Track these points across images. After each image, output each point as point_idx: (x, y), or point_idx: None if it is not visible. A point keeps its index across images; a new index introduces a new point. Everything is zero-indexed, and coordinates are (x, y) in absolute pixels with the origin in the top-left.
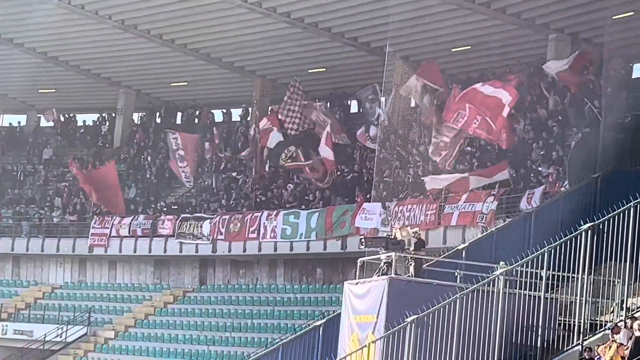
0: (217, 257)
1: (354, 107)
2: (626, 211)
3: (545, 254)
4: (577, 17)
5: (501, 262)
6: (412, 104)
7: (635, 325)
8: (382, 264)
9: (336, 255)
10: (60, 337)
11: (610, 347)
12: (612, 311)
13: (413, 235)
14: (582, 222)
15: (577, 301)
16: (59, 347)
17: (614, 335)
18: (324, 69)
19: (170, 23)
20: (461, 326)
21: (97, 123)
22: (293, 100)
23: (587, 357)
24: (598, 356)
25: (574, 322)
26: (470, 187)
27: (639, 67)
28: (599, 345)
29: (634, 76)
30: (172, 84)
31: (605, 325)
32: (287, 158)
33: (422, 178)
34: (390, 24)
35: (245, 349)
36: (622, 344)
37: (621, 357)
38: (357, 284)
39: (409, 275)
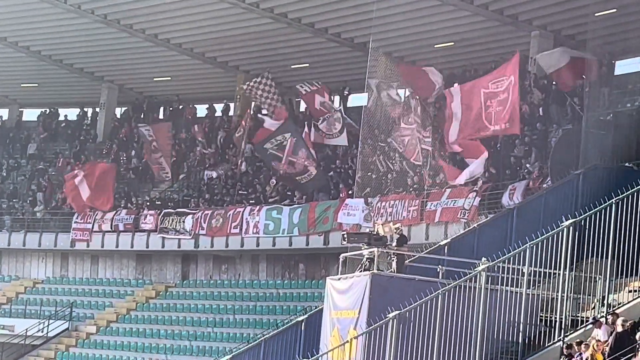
0: (200, 252)
1: (335, 102)
2: (608, 208)
3: (527, 250)
4: (559, 14)
5: (483, 258)
6: (394, 99)
7: (618, 321)
8: (364, 259)
9: (319, 250)
10: (42, 332)
11: (589, 344)
12: (594, 307)
13: (395, 231)
14: (564, 219)
15: (559, 297)
16: (41, 342)
17: (596, 330)
18: (307, 65)
19: (153, 18)
20: (443, 322)
21: (80, 118)
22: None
23: (566, 353)
24: (579, 353)
25: (556, 318)
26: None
27: (621, 64)
28: (580, 343)
29: (615, 73)
30: (155, 79)
31: (587, 321)
32: (275, 145)
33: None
34: (373, 19)
35: (227, 344)
36: (599, 341)
37: (601, 353)
38: (339, 279)
39: (391, 271)
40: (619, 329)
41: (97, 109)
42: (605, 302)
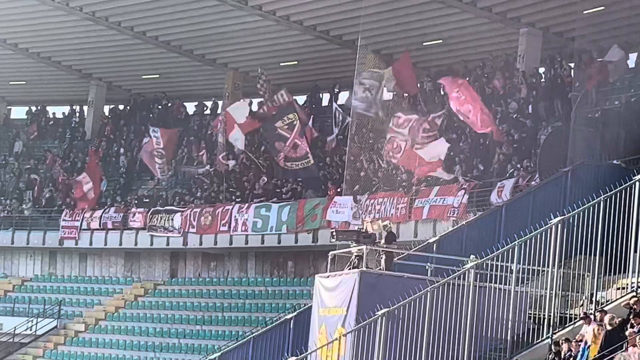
0: (188, 250)
1: (325, 100)
2: (596, 205)
3: (516, 247)
4: (548, 11)
5: (471, 256)
6: (384, 97)
7: (605, 319)
8: (353, 257)
9: (307, 248)
10: (30, 330)
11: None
12: (582, 304)
13: (384, 228)
14: (552, 216)
15: (547, 294)
16: (29, 340)
17: (585, 327)
18: (295, 62)
19: (142, 15)
20: (432, 319)
21: (68, 115)
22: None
23: (554, 350)
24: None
25: (544, 315)
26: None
27: None
28: (568, 340)
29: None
30: (143, 77)
31: (575, 318)
32: (286, 124)
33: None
34: (361, 17)
35: (216, 342)
36: (601, 325)
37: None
38: (328, 277)
39: (379, 269)
40: (608, 327)
41: (85, 107)
42: (593, 299)
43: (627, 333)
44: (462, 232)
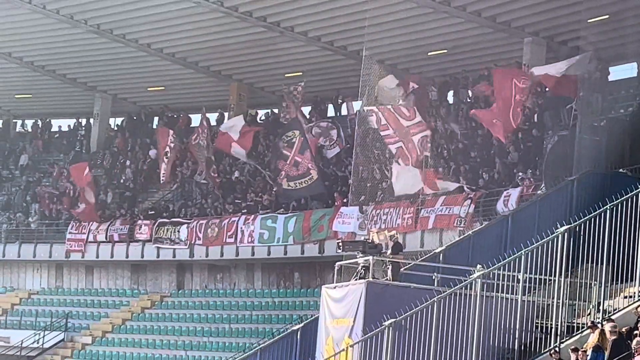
0: (195, 261)
1: (330, 111)
2: (602, 214)
3: (522, 256)
4: (552, 20)
5: (478, 265)
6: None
7: (606, 328)
8: (359, 267)
9: (314, 259)
10: (38, 343)
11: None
12: (589, 313)
13: (390, 238)
14: (558, 225)
15: (554, 304)
16: (36, 353)
17: (592, 335)
18: (300, 73)
19: (146, 27)
20: (439, 329)
21: (73, 128)
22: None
23: (555, 358)
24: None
25: (551, 324)
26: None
27: (614, 70)
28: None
29: (609, 79)
30: (148, 89)
31: (583, 327)
32: (286, 142)
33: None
34: (366, 27)
35: (223, 354)
36: (604, 330)
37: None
38: (334, 288)
39: (386, 279)
40: (613, 335)
41: (91, 120)
42: (600, 308)
43: (633, 343)
44: (469, 241)
